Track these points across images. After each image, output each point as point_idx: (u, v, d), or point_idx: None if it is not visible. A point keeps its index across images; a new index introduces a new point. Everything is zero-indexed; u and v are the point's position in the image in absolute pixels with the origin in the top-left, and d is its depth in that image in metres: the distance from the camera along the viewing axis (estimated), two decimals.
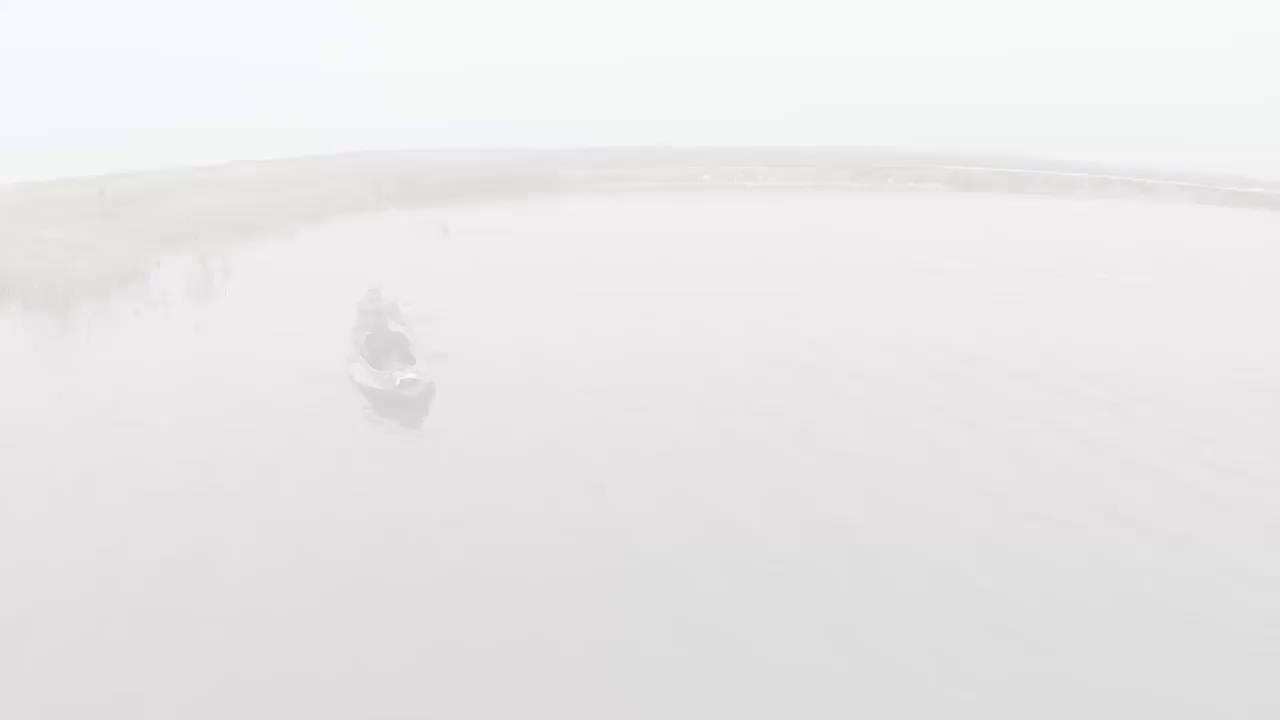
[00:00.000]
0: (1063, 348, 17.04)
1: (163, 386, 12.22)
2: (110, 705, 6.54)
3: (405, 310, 13.99)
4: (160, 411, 11.41)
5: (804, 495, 11.07)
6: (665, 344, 15.34)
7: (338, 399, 12.04)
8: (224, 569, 8.09)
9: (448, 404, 11.33)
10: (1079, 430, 13.39)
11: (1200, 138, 46.53)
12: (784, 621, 7.99)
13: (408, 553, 7.95)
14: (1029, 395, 14.80)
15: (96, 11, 62.13)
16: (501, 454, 9.83)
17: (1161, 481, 12.45)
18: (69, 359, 13.64)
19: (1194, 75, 53.31)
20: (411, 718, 6.61)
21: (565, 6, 69.80)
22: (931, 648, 8.08)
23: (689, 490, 10.81)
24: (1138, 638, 8.61)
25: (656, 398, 13.07)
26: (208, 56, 50.69)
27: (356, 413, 11.28)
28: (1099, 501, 11.26)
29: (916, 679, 7.68)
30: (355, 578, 8.09)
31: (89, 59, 48.46)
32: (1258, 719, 7.66)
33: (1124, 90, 53.17)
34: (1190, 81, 52.11)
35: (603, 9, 70.49)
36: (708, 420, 12.49)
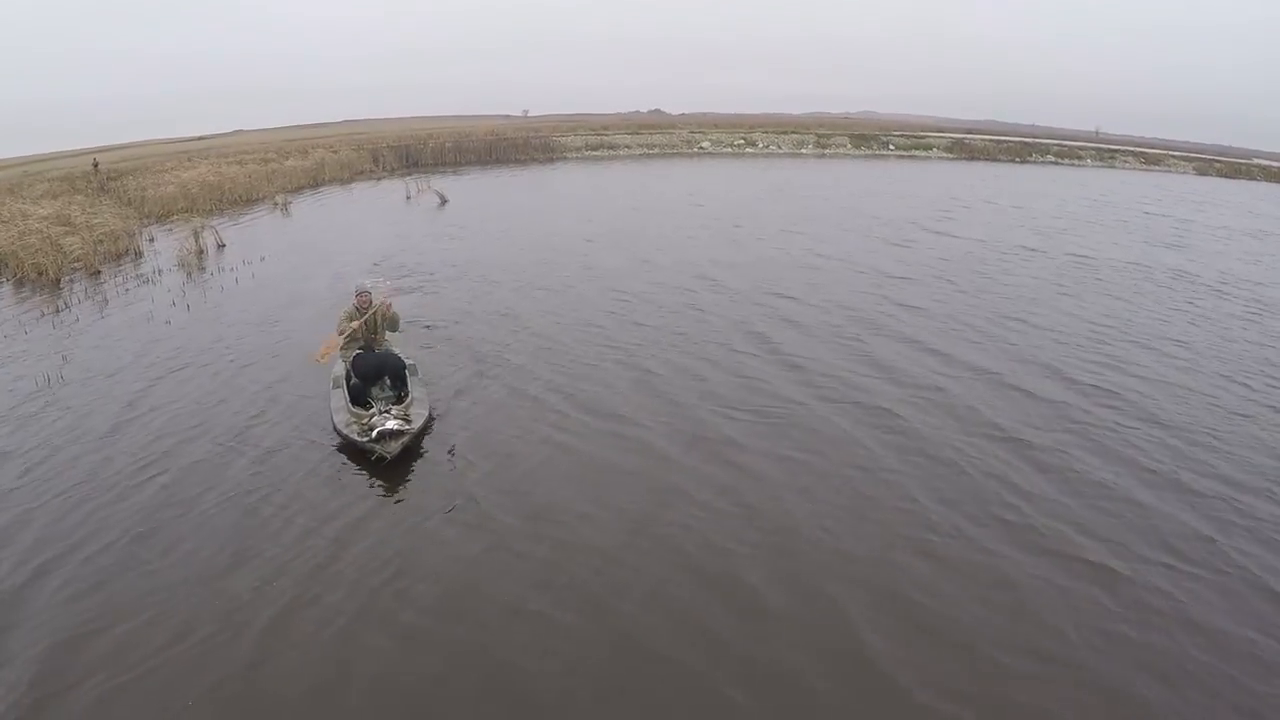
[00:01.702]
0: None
1: (138, 376, 11.71)
2: None
3: (398, 311, 11.34)
4: (123, 405, 10.88)
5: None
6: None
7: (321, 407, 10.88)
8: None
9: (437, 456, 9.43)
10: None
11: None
12: None
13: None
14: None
15: None
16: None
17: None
18: (57, 341, 13.30)
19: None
20: None
21: None
22: None
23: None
24: None
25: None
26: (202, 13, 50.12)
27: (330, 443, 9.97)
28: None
29: None
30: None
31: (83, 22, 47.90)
32: None
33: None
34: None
35: None
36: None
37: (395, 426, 9.23)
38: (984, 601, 6.96)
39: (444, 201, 30.23)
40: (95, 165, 29.12)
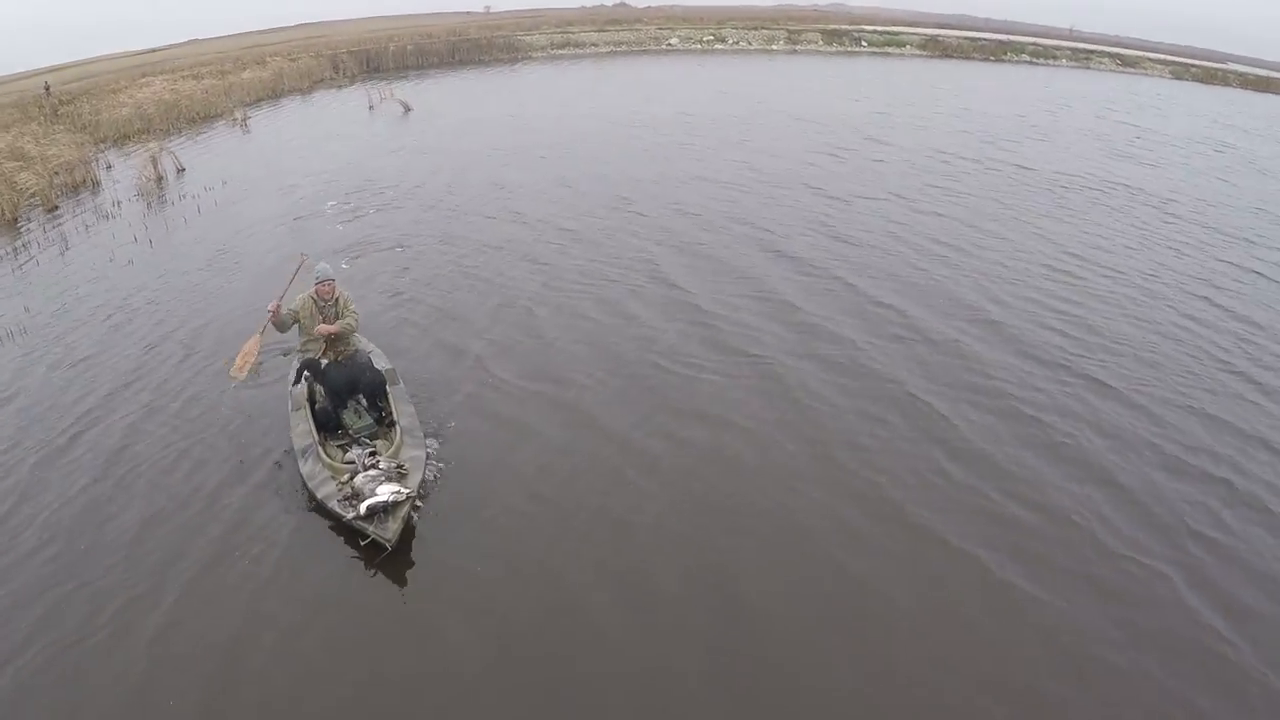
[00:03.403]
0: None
1: (90, 330, 11.45)
2: None
3: (355, 307, 8.88)
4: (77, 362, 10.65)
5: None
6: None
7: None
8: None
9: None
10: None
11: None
12: None
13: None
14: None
15: None
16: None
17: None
18: (14, 286, 13.03)
19: None
20: None
21: None
22: None
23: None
24: None
25: None
26: None
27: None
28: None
29: None
30: None
31: None
32: None
33: None
34: None
35: None
36: None
37: (391, 498, 7.05)
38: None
39: (408, 110, 29.78)
40: (47, 89, 28.19)
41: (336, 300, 8.71)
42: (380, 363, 9.22)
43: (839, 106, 32.84)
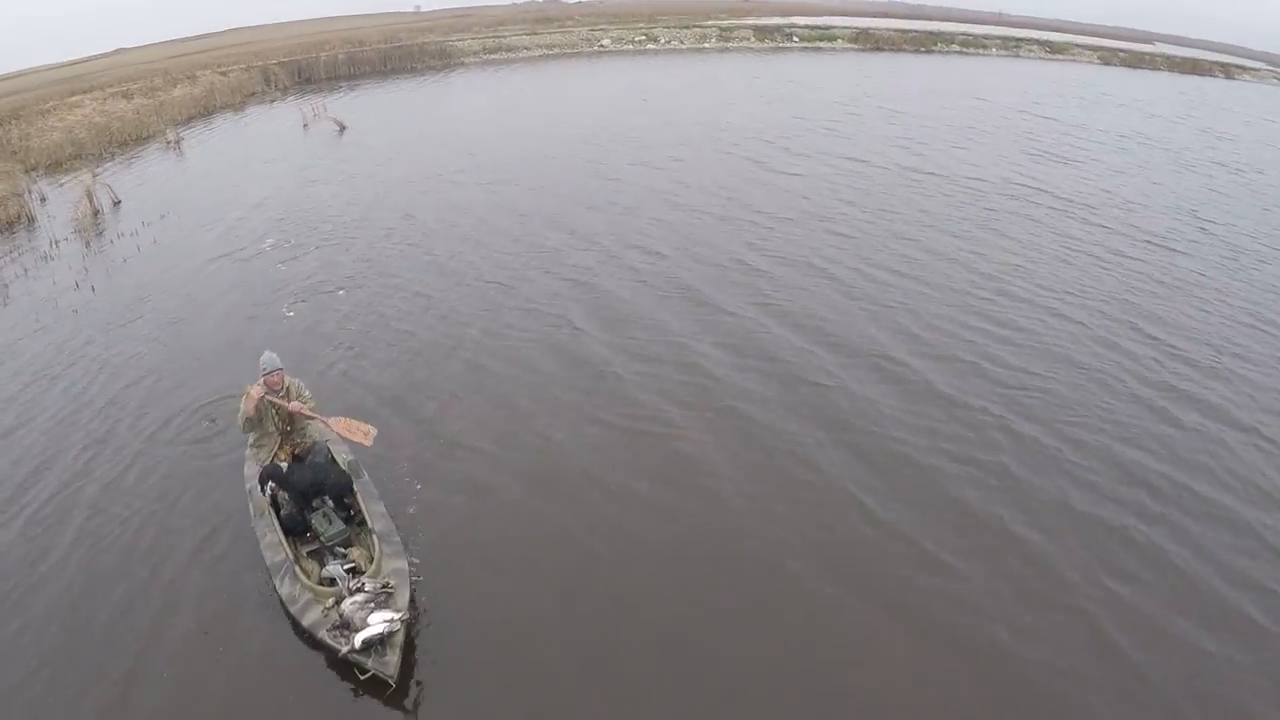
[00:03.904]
0: None
1: (37, 392, 11.51)
2: None
3: (308, 391, 8.59)
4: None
5: None
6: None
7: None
8: None
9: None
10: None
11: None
12: None
13: None
14: None
15: None
16: None
17: None
18: None
19: None
20: None
21: None
22: None
23: None
24: None
25: None
26: None
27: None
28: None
29: None
30: None
31: None
32: None
33: None
34: None
35: None
36: None
37: (386, 629, 6.68)
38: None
39: (342, 129, 29.87)
40: None
41: (287, 390, 8.38)
42: (340, 451, 8.85)
43: (767, 113, 33.72)
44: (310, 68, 42.17)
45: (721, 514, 9.17)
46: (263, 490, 8.26)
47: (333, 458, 8.62)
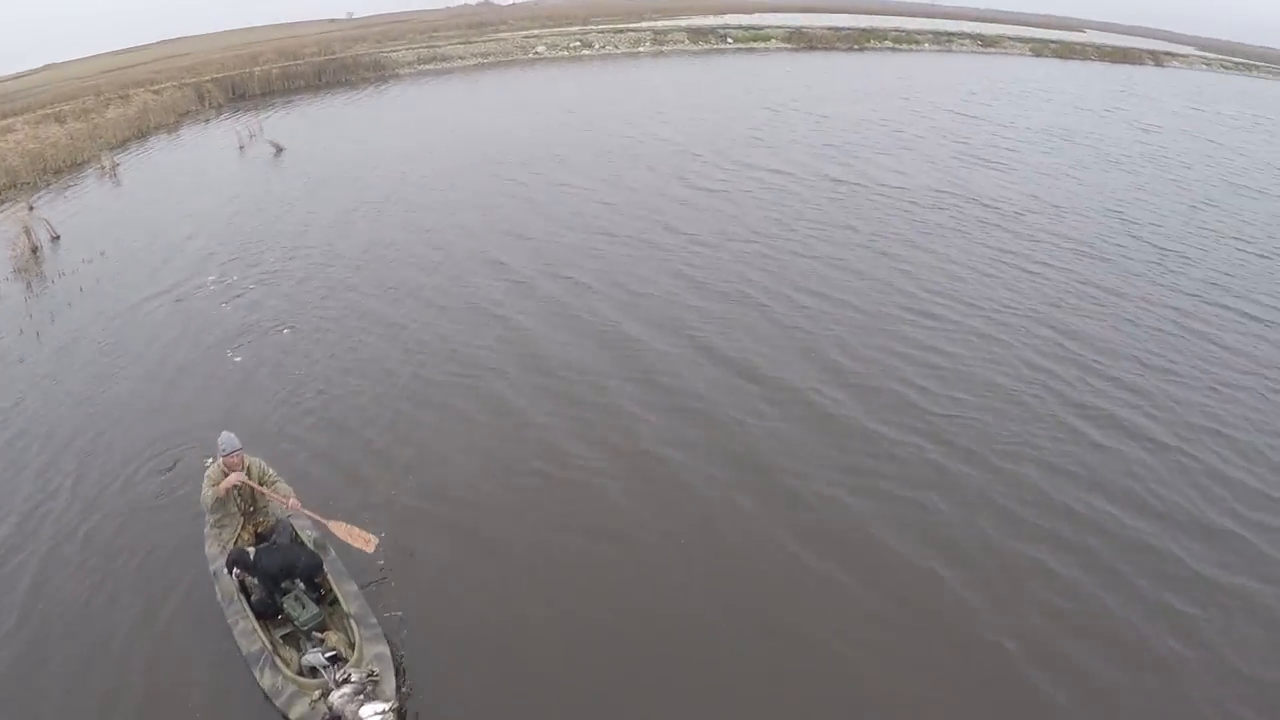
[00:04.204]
0: None
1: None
2: None
3: (271, 470, 8.68)
4: None
5: None
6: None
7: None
8: None
9: None
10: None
11: None
12: None
13: None
14: None
15: None
16: None
17: None
18: None
19: None
20: None
21: None
22: None
23: None
24: None
25: None
26: None
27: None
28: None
29: None
30: None
31: None
32: None
33: None
34: None
35: None
36: None
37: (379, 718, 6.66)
38: None
39: (279, 150, 30.12)
40: None
41: (248, 469, 8.40)
42: (304, 528, 8.82)
43: (696, 124, 34.54)
44: (244, 83, 42.13)
45: (653, 563, 9.58)
46: (229, 573, 8.15)
47: (297, 536, 8.54)
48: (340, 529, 8.36)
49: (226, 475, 8.29)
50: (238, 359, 14.59)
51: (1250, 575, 9.79)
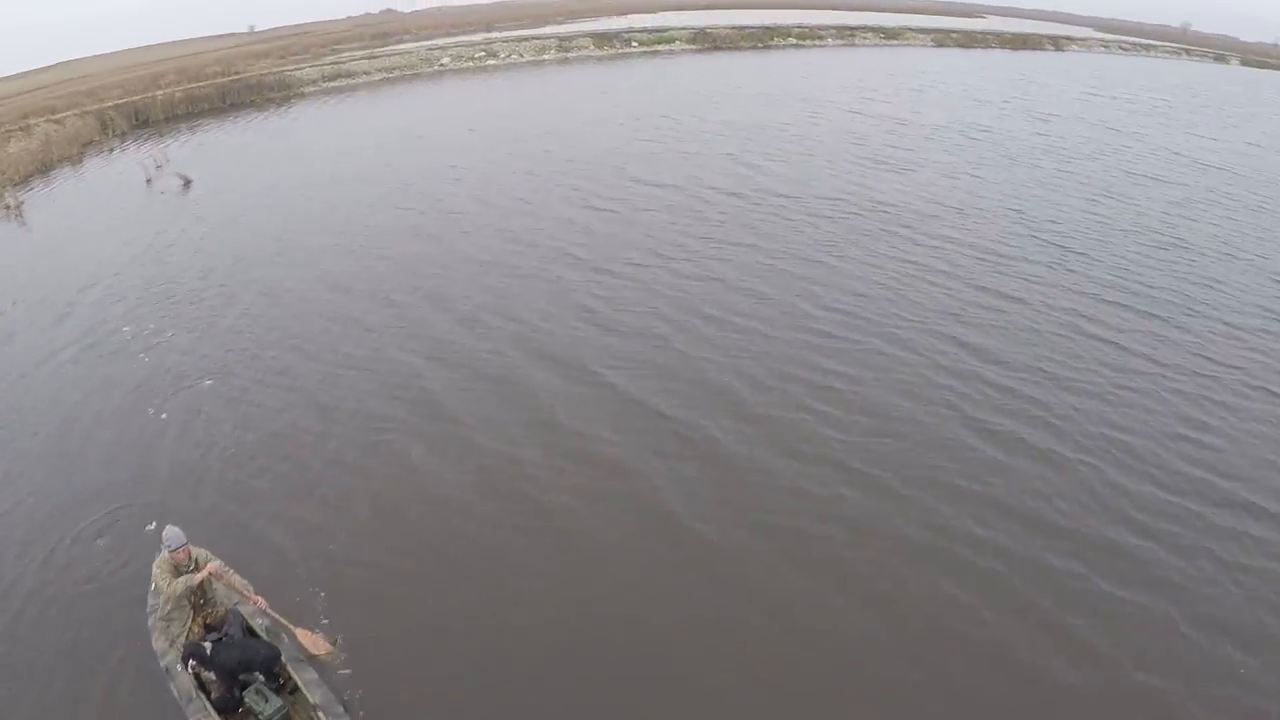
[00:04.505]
0: None
1: None
2: None
3: (217, 561, 8.33)
4: None
5: None
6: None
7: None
8: None
9: None
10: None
11: None
12: None
13: None
14: None
15: None
16: None
17: None
18: None
19: None
20: None
21: None
22: None
23: None
24: None
25: None
26: None
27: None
28: None
29: None
30: None
31: None
32: None
33: None
34: None
35: None
36: None
37: None
38: None
39: (187, 184, 30.04)
40: None
41: (195, 562, 8.26)
42: (254, 617, 8.71)
43: (594, 136, 35.01)
44: (147, 108, 41.86)
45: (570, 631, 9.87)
46: (185, 668, 8.03)
47: (249, 626, 8.46)
48: (305, 637, 8.35)
49: (176, 569, 8.15)
50: (164, 415, 14.61)
51: (1145, 588, 10.42)
